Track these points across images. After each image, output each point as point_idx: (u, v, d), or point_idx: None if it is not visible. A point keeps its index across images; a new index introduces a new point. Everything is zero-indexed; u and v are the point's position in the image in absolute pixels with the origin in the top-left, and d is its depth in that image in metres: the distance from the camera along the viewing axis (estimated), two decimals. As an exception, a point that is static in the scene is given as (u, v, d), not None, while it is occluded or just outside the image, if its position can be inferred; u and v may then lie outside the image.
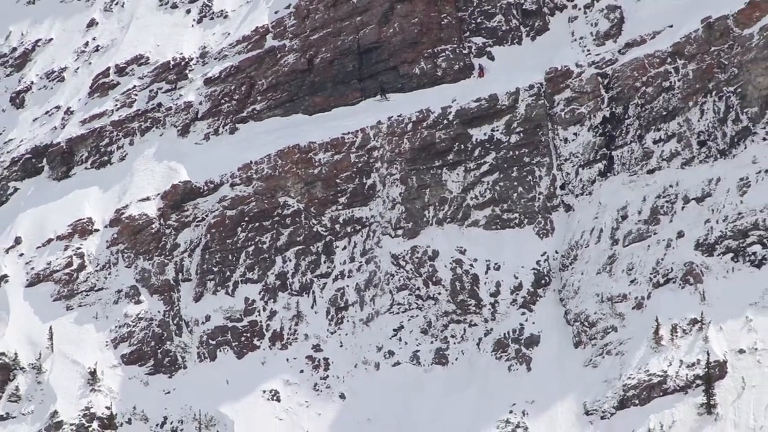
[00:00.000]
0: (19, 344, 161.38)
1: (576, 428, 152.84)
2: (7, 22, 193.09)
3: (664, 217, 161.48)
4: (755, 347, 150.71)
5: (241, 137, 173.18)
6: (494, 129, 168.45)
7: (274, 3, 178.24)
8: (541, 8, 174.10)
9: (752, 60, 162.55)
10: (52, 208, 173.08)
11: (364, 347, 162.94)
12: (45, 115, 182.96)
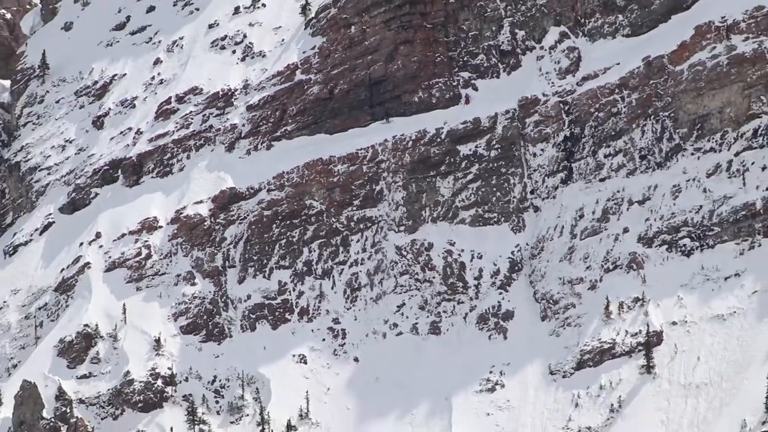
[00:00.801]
0: (99, 318, 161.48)
1: (542, 385, 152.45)
2: (90, 61, 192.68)
3: (612, 216, 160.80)
4: (685, 320, 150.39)
5: (275, 152, 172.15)
6: (477, 146, 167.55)
7: (302, 44, 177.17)
8: (515, 49, 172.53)
9: (682, 91, 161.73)
10: (125, 209, 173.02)
11: (373, 320, 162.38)
12: (120, 134, 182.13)
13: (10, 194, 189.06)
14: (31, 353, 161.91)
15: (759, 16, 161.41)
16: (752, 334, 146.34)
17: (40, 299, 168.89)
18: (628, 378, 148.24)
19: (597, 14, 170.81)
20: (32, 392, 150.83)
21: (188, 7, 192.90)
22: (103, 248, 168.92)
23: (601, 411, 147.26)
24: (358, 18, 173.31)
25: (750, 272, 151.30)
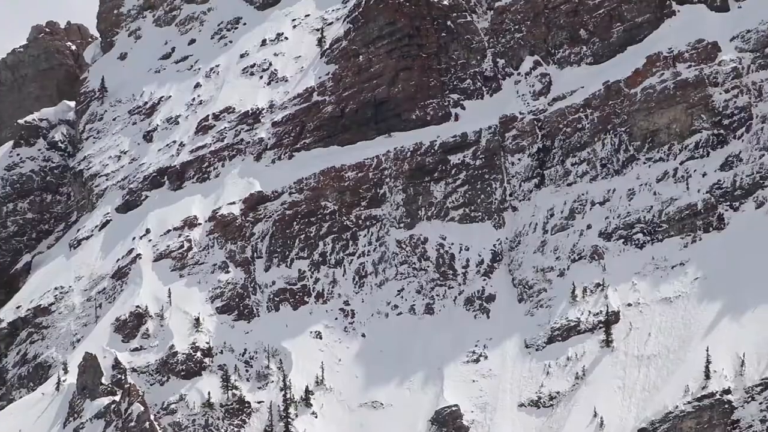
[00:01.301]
0: (149, 300, 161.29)
1: (519, 357, 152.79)
2: (141, 85, 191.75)
3: (578, 215, 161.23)
4: (638, 302, 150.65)
5: (296, 161, 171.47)
6: (465, 156, 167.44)
7: (318, 71, 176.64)
8: (496, 75, 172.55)
9: (636, 110, 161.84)
10: (170, 209, 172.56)
11: (377, 302, 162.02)
12: (165, 146, 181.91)
13: (75, 197, 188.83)
14: (92, 330, 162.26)
15: (699, 47, 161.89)
16: (694, 314, 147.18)
17: (99, 284, 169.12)
18: (591, 350, 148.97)
19: (565, 45, 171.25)
20: (93, 362, 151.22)
21: (223, 39, 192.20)
22: (152, 242, 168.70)
23: (567, 378, 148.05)
24: (365, 49, 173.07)
25: (692, 262, 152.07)
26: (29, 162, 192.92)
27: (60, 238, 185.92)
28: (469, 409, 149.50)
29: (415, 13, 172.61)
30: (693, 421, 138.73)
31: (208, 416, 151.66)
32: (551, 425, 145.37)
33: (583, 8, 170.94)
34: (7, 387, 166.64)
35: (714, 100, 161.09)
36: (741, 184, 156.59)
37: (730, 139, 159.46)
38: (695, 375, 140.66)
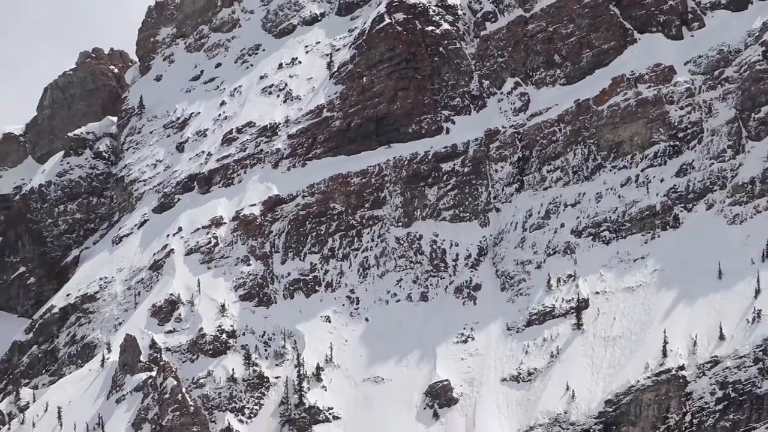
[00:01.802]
0: (181, 289, 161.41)
1: (502, 338, 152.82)
2: (174, 103, 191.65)
3: (553, 215, 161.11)
4: (605, 290, 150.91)
5: (308, 169, 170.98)
6: (455, 164, 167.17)
7: (327, 91, 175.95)
8: (482, 94, 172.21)
9: (603, 124, 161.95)
10: (199, 210, 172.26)
11: (379, 291, 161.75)
12: (195, 156, 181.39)
13: (116, 199, 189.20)
14: (132, 315, 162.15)
15: (657, 70, 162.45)
16: (653, 300, 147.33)
17: (138, 275, 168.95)
18: (564, 332, 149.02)
19: (541, 69, 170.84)
20: (132, 343, 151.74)
21: (245, 63, 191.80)
22: (184, 239, 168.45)
23: (544, 356, 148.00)
24: (368, 71, 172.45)
25: (652, 256, 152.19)
26: (77, 169, 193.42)
27: (104, 235, 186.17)
28: (458, 383, 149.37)
29: (411, 41, 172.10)
30: (652, 393, 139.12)
31: (232, 389, 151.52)
32: (529, 397, 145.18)
33: (557, 36, 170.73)
34: (58, 364, 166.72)
35: (670, 116, 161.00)
36: (694, 188, 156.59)
37: (684, 150, 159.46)
38: (654, 354, 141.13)
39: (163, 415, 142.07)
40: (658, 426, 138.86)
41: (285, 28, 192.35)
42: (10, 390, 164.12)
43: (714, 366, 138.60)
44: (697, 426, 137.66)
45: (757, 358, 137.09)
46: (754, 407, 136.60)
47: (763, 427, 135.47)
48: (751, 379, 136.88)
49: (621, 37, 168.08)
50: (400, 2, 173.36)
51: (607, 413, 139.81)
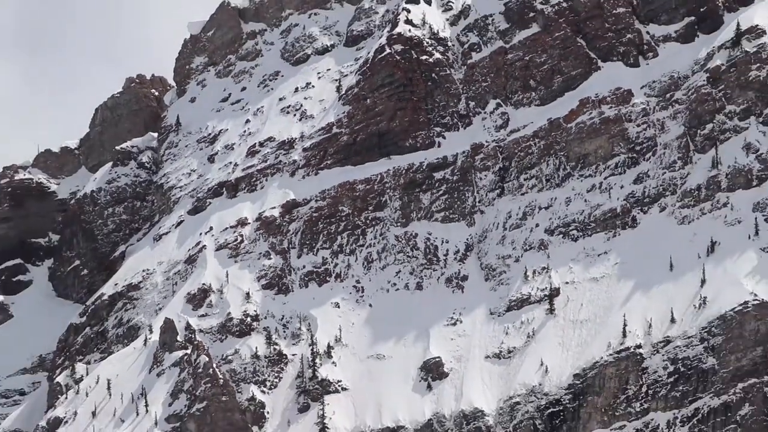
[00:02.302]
0: (212, 279, 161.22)
1: (486, 321, 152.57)
2: (206, 121, 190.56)
3: (529, 216, 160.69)
4: (573, 281, 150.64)
5: (320, 177, 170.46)
6: (445, 173, 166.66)
7: (336, 110, 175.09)
8: (469, 113, 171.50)
9: (572, 139, 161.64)
10: (227, 212, 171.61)
11: (381, 281, 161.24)
12: (224, 166, 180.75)
13: (157, 203, 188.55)
14: (170, 301, 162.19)
15: (618, 93, 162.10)
16: (614, 289, 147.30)
17: (175, 268, 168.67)
18: (538, 317, 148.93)
19: (519, 92, 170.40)
20: (170, 325, 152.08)
21: (266, 87, 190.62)
22: (214, 236, 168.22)
23: (521, 337, 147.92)
24: (371, 94, 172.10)
25: (613, 251, 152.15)
26: (124, 177, 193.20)
27: (146, 233, 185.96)
28: (448, 360, 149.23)
29: (408, 68, 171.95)
30: (614, 368, 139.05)
31: (255, 365, 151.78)
32: (509, 372, 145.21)
33: (532, 64, 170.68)
34: (107, 343, 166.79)
35: (629, 132, 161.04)
36: (648, 193, 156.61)
37: (640, 161, 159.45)
38: (615, 334, 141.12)
39: (197, 386, 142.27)
40: (618, 396, 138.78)
41: (300, 57, 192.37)
42: (67, 365, 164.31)
43: (666, 345, 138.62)
44: (652, 396, 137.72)
45: (702, 338, 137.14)
46: (700, 380, 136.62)
47: (707, 396, 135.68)
48: (698, 356, 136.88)
49: (587, 65, 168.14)
50: (398, 35, 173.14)
51: (576, 385, 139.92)
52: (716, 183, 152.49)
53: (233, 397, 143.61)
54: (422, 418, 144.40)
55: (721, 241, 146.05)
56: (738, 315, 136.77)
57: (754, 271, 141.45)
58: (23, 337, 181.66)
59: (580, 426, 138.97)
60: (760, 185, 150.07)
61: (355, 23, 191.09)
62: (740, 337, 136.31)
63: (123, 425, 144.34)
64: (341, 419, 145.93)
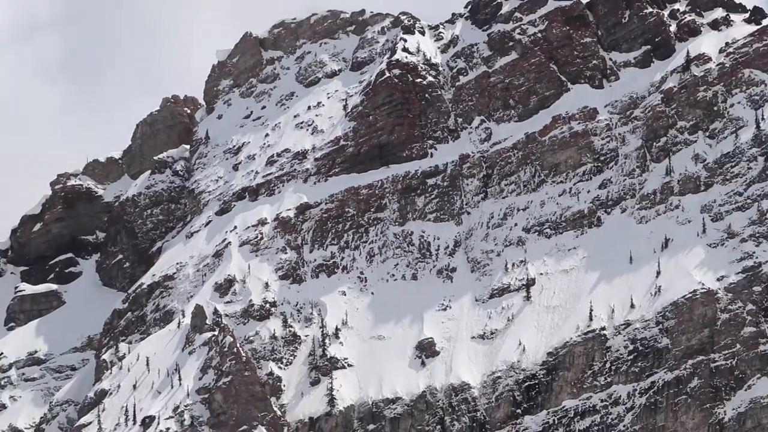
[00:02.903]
0: (236, 271, 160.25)
1: (472, 307, 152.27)
2: (231, 135, 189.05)
3: (509, 217, 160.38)
4: (547, 272, 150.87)
5: (330, 183, 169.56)
6: (437, 179, 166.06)
7: (343, 125, 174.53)
8: (457, 128, 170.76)
9: (546, 151, 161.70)
10: (249, 213, 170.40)
11: (381, 272, 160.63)
12: (246, 173, 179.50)
13: (189, 205, 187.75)
14: (200, 290, 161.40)
15: (585, 111, 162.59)
16: (582, 279, 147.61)
17: (204, 261, 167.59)
18: (517, 303, 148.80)
19: (500, 110, 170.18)
20: (200, 310, 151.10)
21: (283, 106, 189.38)
22: (238, 234, 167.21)
23: (502, 321, 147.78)
24: (374, 112, 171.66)
25: (581, 247, 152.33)
26: (160, 183, 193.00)
27: (180, 231, 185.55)
28: (439, 340, 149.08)
29: (405, 89, 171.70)
30: (582, 347, 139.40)
31: (273, 344, 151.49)
32: (492, 351, 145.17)
33: (512, 86, 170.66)
34: (146, 325, 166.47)
35: (594, 144, 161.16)
36: (611, 197, 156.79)
37: (604, 169, 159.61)
38: (583, 318, 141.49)
39: (223, 363, 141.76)
40: (586, 371, 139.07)
41: (312, 80, 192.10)
42: (112, 345, 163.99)
43: (626, 327, 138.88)
44: (614, 371, 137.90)
45: (657, 321, 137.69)
46: (656, 357, 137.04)
47: (662, 371, 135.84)
48: (654, 337, 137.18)
49: (558, 87, 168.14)
50: (396, 61, 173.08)
51: (549, 362, 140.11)
52: (669, 188, 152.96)
53: (254, 372, 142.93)
54: (417, 390, 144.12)
55: (674, 238, 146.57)
56: (688, 301, 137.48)
57: (701, 264, 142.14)
58: (74, 321, 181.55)
59: (553, 397, 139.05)
60: (706, 190, 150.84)
61: (360, 51, 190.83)
62: (690, 321, 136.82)
63: (159, 396, 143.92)
64: (347, 391, 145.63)
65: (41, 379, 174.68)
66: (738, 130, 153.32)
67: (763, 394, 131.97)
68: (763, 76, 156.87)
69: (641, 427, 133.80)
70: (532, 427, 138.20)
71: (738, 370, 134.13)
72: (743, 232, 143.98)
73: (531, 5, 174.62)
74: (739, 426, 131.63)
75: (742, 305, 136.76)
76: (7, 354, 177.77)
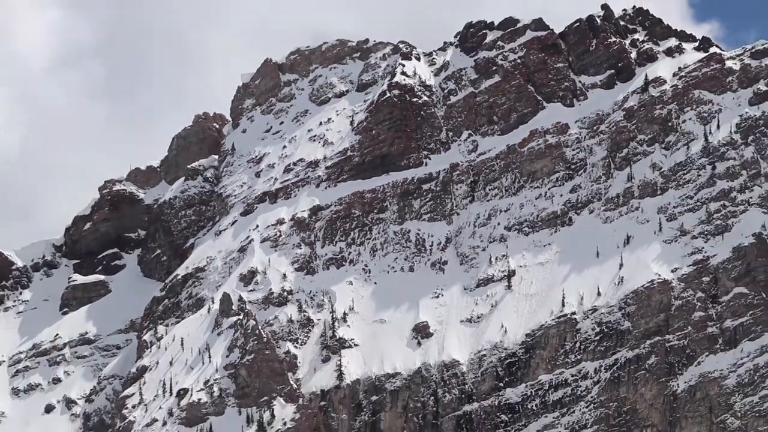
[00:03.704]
0: (258, 264, 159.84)
1: (460, 295, 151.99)
2: (254, 147, 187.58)
3: (493, 217, 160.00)
4: (525, 265, 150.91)
5: (339, 188, 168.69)
6: (431, 185, 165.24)
7: (350, 139, 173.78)
8: (448, 141, 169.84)
9: (524, 160, 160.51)
10: (269, 214, 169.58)
11: (383, 265, 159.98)
12: (267, 179, 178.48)
13: (217, 207, 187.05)
14: (227, 280, 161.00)
15: (558, 126, 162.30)
16: (555, 271, 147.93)
17: (230, 255, 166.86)
18: (500, 291, 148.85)
19: (485, 125, 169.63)
20: (227, 298, 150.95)
21: (299, 122, 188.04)
22: (259, 232, 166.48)
23: (487, 307, 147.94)
24: (376, 127, 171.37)
25: (554, 243, 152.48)
26: (193, 188, 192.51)
27: (209, 230, 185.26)
28: (433, 323, 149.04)
29: (403, 107, 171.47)
30: (555, 329, 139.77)
31: (290, 327, 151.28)
32: (478, 332, 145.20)
33: (495, 105, 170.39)
34: (181, 311, 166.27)
35: (566, 155, 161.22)
36: (581, 200, 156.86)
37: (575, 176, 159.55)
38: (556, 304, 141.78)
39: (247, 343, 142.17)
40: (558, 350, 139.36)
41: (323, 99, 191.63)
42: (151, 327, 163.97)
43: (594, 312, 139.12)
44: (583, 350, 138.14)
45: (620, 307, 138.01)
46: (619, 338, 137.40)
47: (624, 350, 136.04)
48: (617, 321, 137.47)
49: (535, 105, 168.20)
50: (396, 83, 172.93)
51: (527, 342, 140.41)
52: (630, 192, 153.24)
53: (273, 351, 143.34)
54: (413, 366, 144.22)
55: (634, 236, 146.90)
56: (646, 290, 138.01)
57: (658, 257, 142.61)
58: (119, 306, 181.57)
59: (531, 372, 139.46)
60: (662, 194, 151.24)
61: (364, 74, 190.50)
62: (648, 306, 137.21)
63: (192, 371, 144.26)
64: (353, 367, 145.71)
65: (91, 356, 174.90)
66: (689, 143, 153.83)
67: (711, 370, 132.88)
68: (710, 96, 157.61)
69: (606, 398, 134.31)
70: (513, 398, 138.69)
71: (689, 348, 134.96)
72: (693, 230, 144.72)
73: (511, 35, 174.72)
74: (690, 397, 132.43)
75: (692, 293, 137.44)
76: (61, 335, 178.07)
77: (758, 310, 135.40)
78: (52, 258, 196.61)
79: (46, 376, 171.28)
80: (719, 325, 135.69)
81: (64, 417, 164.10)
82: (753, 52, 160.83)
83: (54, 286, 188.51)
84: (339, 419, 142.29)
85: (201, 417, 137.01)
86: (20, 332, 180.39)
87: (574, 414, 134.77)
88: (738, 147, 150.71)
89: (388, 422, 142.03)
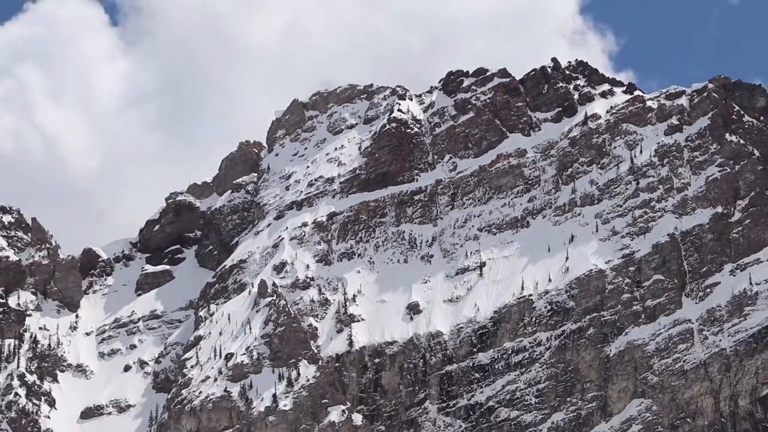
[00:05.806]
0: (287, 257, 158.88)
1: (444, 282, 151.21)
2: (285, 167, 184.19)
3: (468, 221, 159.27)
4: (494, 258, 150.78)
5: (349, 199, 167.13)
6: (422, 197, 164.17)
7: (359, 161, 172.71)
8: (434, 162, 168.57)
9: (492, 177, 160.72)
10: (296, 218, 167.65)
11: (384, 258, 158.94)
12: (294, 192, 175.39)
13: (256, 214, 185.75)
14: (263, 270, 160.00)
15: (518, 151, 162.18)
16: (517, 263, 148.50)
17: (266, 250, 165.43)
18: (474, 278, 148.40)
19: (462, 150, 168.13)
20: (264, 283, 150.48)
21: (319, 147, 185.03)
22: (288, 232, 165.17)
23: (464, 290, 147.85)
24: (378, 152, 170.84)
25: (516, 241, 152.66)
26: (237, 198, 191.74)
27: (249, 231, 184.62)
28: (422, 303, 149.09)
29: (399, 136, 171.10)
30: (516, 308, 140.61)
31: (312, 306, 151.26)
32: (457, 310, 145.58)
33: (470, 134, 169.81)
34: (228, 293, 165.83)
35: (525, 173, 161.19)
36: (536, 208, 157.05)
37: (531, 189, 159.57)
38: (517, 289, 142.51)
39: (279, 318, 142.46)
40: (519, 323, 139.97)
41: (338, 130, 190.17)
42: (205, 306, 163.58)
43: (546, 294, 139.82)
44: (538, 323, 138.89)
45: (566, 290, 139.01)
46: (565, 314, 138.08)
47: (569, 323, 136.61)
48: (564, 301, 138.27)
49: (500, 135, 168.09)
50: (394, 118, 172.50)
51: (495, 317, 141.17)
52: (574, 202, 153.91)
53: (299, 324, 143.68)
54: (407, 336, 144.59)
55: (577, 235, 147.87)
56: (586, 277, 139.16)
57: (595, 252, 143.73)
58: (181, 290, 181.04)
59: (497, 340, 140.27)
60: (599, 203, 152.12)
61: (369, 111, 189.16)
62: (587, 290, 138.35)
63: (236, 340, 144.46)
64: (361, 337, 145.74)
65: (159, 328, 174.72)
66: (619, 164, 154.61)
67: (636, 338, 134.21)
68: (635, 128, 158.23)
69: (555, 360, 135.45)
70: (484, 360, 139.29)
71: (619, 322, 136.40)
72: (622, 231, 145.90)
73: (483, 81, 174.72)
74: (619, 359, 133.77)
75: (621, 279, 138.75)
76: (137, 312, 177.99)
77: (672, 293, 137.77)
78: (130, 252, 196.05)
79: (124, 343, 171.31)
80: (642, 304, 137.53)
81: (138, 375, 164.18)
82: (667, 95, 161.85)
83: (131, 274, 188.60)
84: (350, 377, 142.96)
85: (243, 375, 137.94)
86: (105, 309, 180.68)
87: (530, 372, 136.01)
88: (656, 167, 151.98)
89: (388, 379, 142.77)
